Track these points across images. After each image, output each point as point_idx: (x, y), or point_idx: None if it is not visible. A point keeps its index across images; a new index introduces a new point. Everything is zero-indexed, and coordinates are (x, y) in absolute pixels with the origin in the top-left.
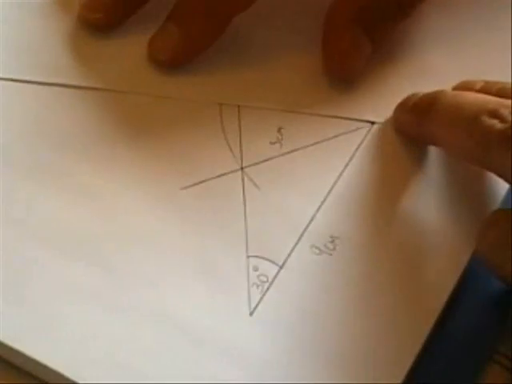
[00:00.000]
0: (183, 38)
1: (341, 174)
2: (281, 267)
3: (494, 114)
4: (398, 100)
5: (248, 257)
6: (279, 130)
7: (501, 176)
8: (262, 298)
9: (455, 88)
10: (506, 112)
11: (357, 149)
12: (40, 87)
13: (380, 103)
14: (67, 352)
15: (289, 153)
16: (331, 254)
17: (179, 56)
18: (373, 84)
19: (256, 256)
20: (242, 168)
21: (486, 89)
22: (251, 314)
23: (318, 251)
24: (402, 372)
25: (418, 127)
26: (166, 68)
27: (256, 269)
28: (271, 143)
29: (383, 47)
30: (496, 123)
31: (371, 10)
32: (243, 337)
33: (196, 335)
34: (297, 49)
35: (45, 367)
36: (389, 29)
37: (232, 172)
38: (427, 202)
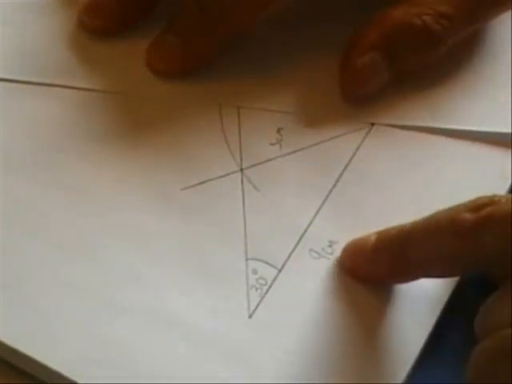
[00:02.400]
0: (183, 52)
1: (340, 175)
2: (280, 270)
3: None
4: (398, 101)
5: (247, 259)
6: (279, 130)
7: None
8: (260, 301)
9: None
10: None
11: (356, 150)
12: (40, 88)
13: (379, 104)
14: (67, 352)
15: (288, 154)
16: (329, 259)
17: (177, 69)
18: None
19: (255, 259)
20: (241, 169)
21: None
22: (250, 316)
23: (316, 255)
24: (402, 372)
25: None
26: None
27: (255, 272)
28: (271, 144)
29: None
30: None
31: (395, 40)
32: (242, 339)
33: (195, 337)
34: (297, 50)
35: (44, 367)
36: (418, 59)
37: (232, 173)
38: (427, 203)
